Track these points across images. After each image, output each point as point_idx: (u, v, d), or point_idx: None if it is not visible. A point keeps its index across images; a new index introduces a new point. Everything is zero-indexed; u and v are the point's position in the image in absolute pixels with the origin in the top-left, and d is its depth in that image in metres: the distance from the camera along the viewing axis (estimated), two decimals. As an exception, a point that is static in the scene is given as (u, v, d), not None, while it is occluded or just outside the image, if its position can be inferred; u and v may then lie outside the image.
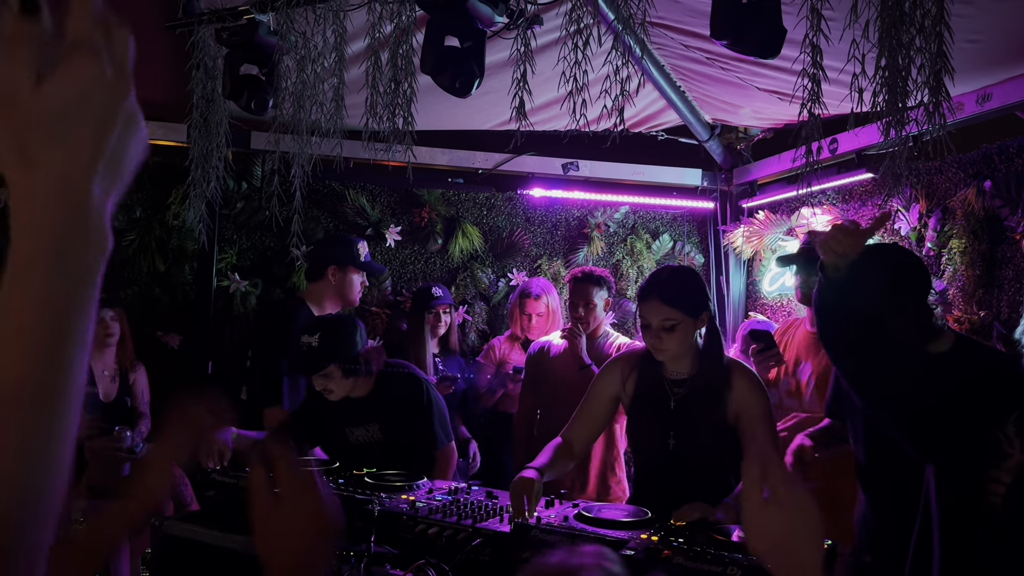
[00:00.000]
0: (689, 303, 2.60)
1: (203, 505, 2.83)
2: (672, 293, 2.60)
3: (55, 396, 0.61)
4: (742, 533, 2.16)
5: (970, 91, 3.48)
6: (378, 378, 3.16)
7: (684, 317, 2.59)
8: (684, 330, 2.60)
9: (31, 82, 0.59)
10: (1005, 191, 3.53)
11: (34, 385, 0.61)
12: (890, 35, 1.99)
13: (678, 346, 2.62)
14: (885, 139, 2.08)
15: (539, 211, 5.32)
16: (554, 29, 2.71)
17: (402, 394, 3.16)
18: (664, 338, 2.60)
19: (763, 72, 3.81)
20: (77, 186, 0.61)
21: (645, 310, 2.63)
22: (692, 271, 2.80)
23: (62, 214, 0.61)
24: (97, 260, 0.63)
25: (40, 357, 0.61)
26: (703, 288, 2.71)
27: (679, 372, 2.68)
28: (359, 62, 3.12)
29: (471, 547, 2.23)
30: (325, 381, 3.04)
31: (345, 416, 3.15)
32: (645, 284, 2.72)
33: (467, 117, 4.65)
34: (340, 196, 4.93)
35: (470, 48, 2.68)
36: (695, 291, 2.66)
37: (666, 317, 2.58)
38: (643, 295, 2.67)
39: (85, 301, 0.62)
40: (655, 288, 2.64)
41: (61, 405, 0.62)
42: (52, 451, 0.62)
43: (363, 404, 3.14)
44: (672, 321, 2.58)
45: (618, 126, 2.58)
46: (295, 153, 3.14)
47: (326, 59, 3.03)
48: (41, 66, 0.59)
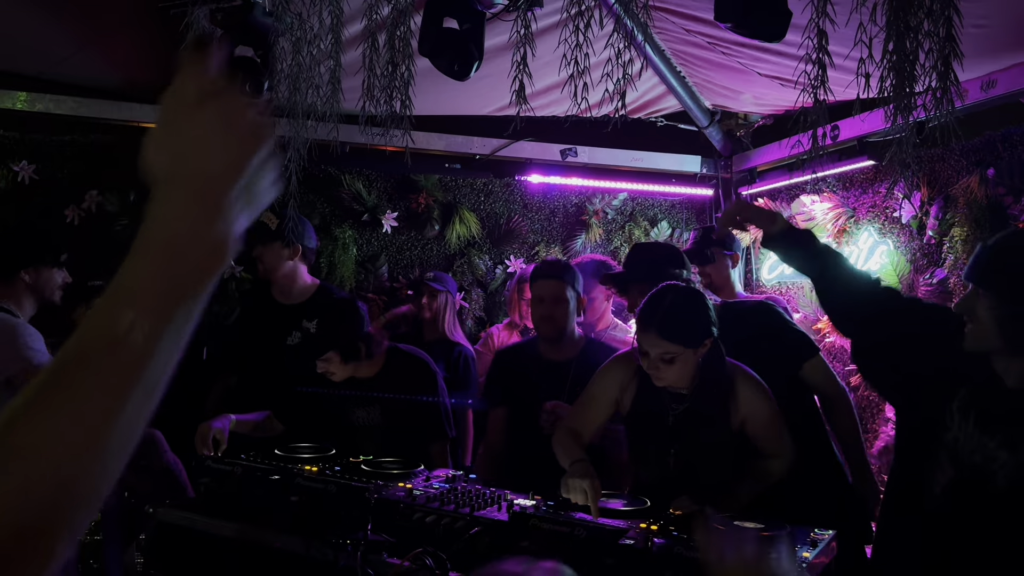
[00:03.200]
0: (689, 335, 2.45)
1: (198, 492, 2.80)
2: (672, 327, 2.44)
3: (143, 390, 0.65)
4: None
5: (975, 77, 3.45)
6: (387, 361, 3.13)
7: (684, 349, 2.45)
8: (684, 361, 2.46)
9: (191, 106, 0.70)
10: (1008, 179, 3.51)
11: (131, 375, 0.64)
12: (898, 18, 1.95)
13: (677, 375, 2.49)
14: (893, 125, 2.05)
15: (537, 197, 5.28)
16: (554, 12, 2.67)
17: (408, 380, 3.13)
18: (662, 368, 2.47)
19: (765, 57, 3.76)
20: (219, 193, 0.69)
21: (643, 340, 2.48)
22: (696, 295, 2.58)
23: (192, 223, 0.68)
24: (213, 271, 0.70)
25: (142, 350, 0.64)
26: (706, 314, 2.51)
27: (679, 387, 2.57)
28: (356, 44, 3.06)
29: (469, 536, 2.20)
30: (326, 365, 3.03)
31: (349, 395, 3.14)
32: (645, 311, 2.51)
33: (465, 102, 4.61)
34: (336, 181, 4.89)
35: (469, 30, 2.64)
36: (697, 321, 2.49)
37: (664, 351, 2.45)
38: (642, 324, 2.50)
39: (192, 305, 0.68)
40: (654, 321, 2.46)
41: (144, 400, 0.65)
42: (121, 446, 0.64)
43: (367, 385, 3.12)
44: (671, 354, 2.45)
45: (619, 111, 2.54)
46: (290, 137, 3.09)
47: (322, 41, 2.98)
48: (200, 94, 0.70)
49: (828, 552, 2.18)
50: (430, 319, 4.28)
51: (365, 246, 4.93)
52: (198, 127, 0.69)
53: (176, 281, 0.67)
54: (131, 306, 0.65)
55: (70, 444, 0.61)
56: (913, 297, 2.52)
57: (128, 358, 0.64)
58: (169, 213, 0.68)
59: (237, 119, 0.71)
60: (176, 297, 0.67)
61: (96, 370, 0.63)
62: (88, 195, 4.41)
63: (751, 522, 2.17)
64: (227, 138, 0.70)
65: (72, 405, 0.61)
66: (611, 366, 2.76)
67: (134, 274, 0.66)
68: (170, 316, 0.66)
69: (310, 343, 2.99)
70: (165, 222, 0.68)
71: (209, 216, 0.69)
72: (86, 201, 4.41)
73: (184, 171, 0.69)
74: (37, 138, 4.42)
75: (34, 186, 4.38)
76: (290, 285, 3.81)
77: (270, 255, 3.73)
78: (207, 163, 0.69)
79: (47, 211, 4.34)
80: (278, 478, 2.58)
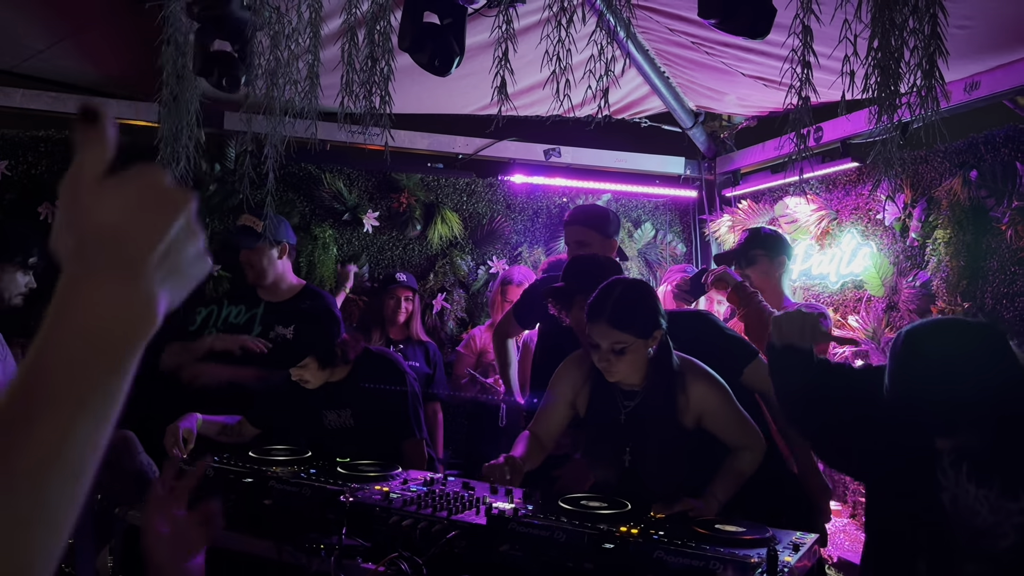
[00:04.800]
0: (640, 325, 2.46)
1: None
2: (622, 316, 2.45)
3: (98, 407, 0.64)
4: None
5: (958, 79, 3.44)
6: (356, 364, 3.09)
7: (635, 339, 2.45)
8: (635, 351, 2.46)
9: (94, 184, 0.65)
10: (991, 181, 3.50)
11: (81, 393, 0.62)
12: (883, 15, 1.93)
13: (629, 368, 2.49)
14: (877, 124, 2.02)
15: (520, 198, 5.24)
16: (536, 10, 2.63)
17: (378, 382, 3.09)
18: (614, 360, 2.47)
19: (749, 58, 3.75)
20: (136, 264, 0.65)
21: (594, 332, 2.48)
22: (644, 287, 2.61)
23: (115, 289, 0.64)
24: (137, 342, 0.65)
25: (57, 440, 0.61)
26: (656, 305, 2.54)
27: (630, 384, 2.57)
28: (335, 40, 3.02)
29: (446, 539, 2.16)
30: (301, 372, 2.98)
31: (320, 399, 3.09)
32: (594, 302, 2.51)
33: (447, 100, 4.57)
34: (316, 180, 4.83)
35: (450, 25, 2.60)
36: (647, 311, 2.50)
37: (616, 340, 2.45)
38: (592, 315, 2.49)
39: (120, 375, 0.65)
40: (605, 309, 2.46)
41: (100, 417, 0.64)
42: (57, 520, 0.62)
43: (338, 388, 3.08)
44: (622, 344, 2.45)
45: (602, 110, 2.51)
46: (268, 134, 3.04)
47: (301, 36, 2.93)
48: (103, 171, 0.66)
49: (811, 556, 2.15)
50: (404, 321, 4.24)
51: (346, 246, 4.88)
52: (105, 204, 0.65)
53: (93, 363, 0.63)
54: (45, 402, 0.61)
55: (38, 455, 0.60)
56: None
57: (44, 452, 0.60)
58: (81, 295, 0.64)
59: (147, 190, 0.67)
60: (95, 379, 0.63)
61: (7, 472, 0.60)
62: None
63: (732, 525, 2.15)
64: (139, 208, 0.66)
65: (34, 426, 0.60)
66: (563, 368, 2.75)
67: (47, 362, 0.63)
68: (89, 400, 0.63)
69: (286, 349, 2.94)
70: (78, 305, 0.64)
71: (127, 287, 0.65)
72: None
73: (96, 249, 0.65)
74: (10, 133, 4.34)
75: (7, 183, 4.30)
76: (278, 285, 3.75)
77: (259, 258, 3.66)
78: (120, 236, 0.65)
79: (20, 208, 4.26)
80: (251, 481, 2.53)
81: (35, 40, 3.90)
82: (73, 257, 0.65)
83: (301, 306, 3.64)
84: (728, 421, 2.56)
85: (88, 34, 3.89)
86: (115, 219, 0.65)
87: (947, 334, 1.96)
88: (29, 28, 3.78)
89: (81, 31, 3.87)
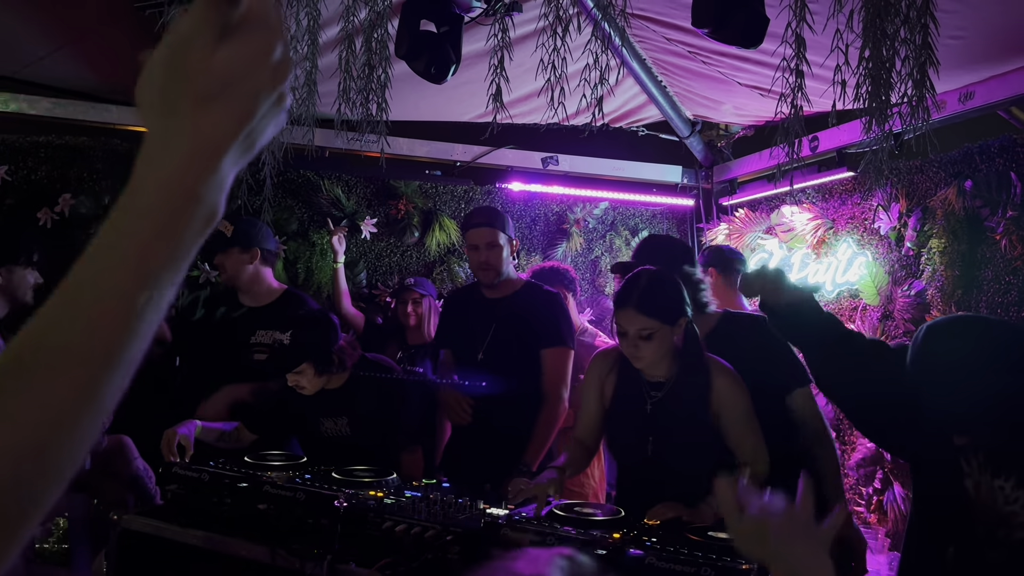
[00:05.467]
0: (666, 311, 2.52)
1: (165, 499, 2.75)
2: (649, 302, 2.52)
3: (121, 363, 0.60)
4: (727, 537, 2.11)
5: (952, 89, 3.46)
6: (354, 372, 3.09)
7: (661, 326, 2.51)
8: (661, 338, 2.52)
9: (210, 42, 0.60)
10: (986, 191, 3.51)
11: (109, 347, 0.59)
12: (874, 25, 1.94)
13: (655, 354, 2.55)
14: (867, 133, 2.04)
15: (518, 205, 5.25)
16: (533, 19, 2.65)
17: (375, 391, 3.09)
18: (641, 346, 2.53)
19: (745, 67, 3.77)
20: (216, 150, 0.61)
21: (621, 318, 2.55)
22: (666, 274, 2.67)
23: (194, 172, 0.61)
24: (202, 232, 0.62)
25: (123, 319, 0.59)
26: (681, 294, 2.60)
27: (656, 375, 2.62)
28: (333, 48, 3.04)
29: (439, 545, 2.16)
30: (298, 378, 2.98)
31: (318, 406, 3.09)
32: (621, 291, 2.61)
33: (445, 108, 4.59)
34: (315, 186, 4.84)
35: (446, 33, 2.62)
36: (673, 298, 2.57)
37: (643, 327, 2.50)
38: (619, 303, 2.58)
39: (177, 271, 0.62)
40: (632, 297, 2.54)
41: (121, 375, 0.60)
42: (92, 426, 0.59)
43: (335, 396, 3.07)
44: (649, 330, 2.50)
45: (597, 119, 2.52)
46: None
47: (299, 43, 2.95)
48: (221, 30, 0.60)
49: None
50: (415, 325, 4.25)
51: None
52: (210, 74, 0.60)
53: (168, 242, 0.60)
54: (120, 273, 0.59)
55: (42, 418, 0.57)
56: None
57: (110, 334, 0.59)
58: (168, 163, 0.60)
59: (259, 58, 0.61)
60: (168, 260, 0.61)
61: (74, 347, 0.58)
62: (62, 198, 4.34)
63: (724, 532, 2.15)
64: (243, 86, 0.61)
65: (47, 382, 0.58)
66: (592, 363, 2.82)
67: (123, 233, 0.60)
68: (158, 282, 0.60)
69: (282, 355, 2.93)
70: (160, 178, 0.60)
71: (212, 166, 0.61)
72: (59, 204, 4.33)
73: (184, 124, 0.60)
74: (10, 139, 4.35)
75: (6, 188, 4.31)
76: (255, 290, 3.77)
77: (230, 262, 3.70)
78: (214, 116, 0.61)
79: (19, 213, 4.27)
80: (246, 485, 2.53)
81: (36, 47, 3.92)
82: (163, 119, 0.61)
83: (298, 311, 3.66)
84: (743, 427, 2.57)
85: (88, 40, 3.91)
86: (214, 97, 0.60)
87: (965, 333, 1.93)
88: (30, 34, 3.80)
89: (81, 37, 3.89)
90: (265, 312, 3.70)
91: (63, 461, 0.59)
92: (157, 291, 0.60)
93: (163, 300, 0.61)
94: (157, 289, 0.60)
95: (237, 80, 0.61)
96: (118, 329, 0.59)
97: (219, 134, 0.61)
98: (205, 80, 0.60)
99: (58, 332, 0.59)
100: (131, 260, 0.59)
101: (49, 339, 0.59)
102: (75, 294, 0.60)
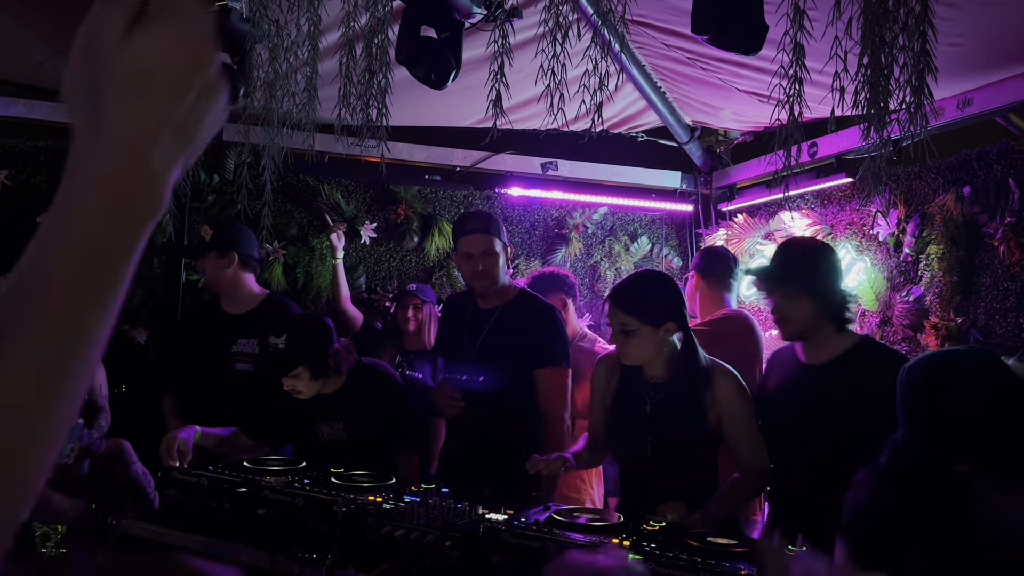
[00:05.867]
0: (647, 311, 2.56)
1: (163, 504, 2.75)
2: (629, 300, 2.58)
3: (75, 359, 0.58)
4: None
5: (951, 96, 3.47)
6: (350, 376, 3.09)
7: (641, 325, 2.55)
8: (642, 337, 2.56)
9: (120, 33, 0.59)
10: (984, 197, 3.52)
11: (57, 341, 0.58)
12: (873, 32, 1.95)
13: (639, 352, 2.60)
14: (866, 140, 2.04)
15: (517, 211, 5.26)
16: (533, 25, 2.66)
17: (371, 395, 3.08)
18: (622, 341, 2.59)
19: (744, 73, 3.77)
20: (141, 144, 0.60)
21: (608, 315, 2.64)
22: (663, 278, 2.72)
23: (120, 168, 0.59)
24: (144, 224, 0.61)
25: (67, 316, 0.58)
26: (670, 297, 2.61)
27: (655, 376, 2.65)
28: (333, 53, 3.04)
29: (439, 550, 2.16)
30: (293, 382, 2.97)
31: (314, 411, 3.09)
32: (615, 286, 2.76)
33: (445, 113, 4.59)
34: (315, 191, 4.85)
35: (447, 39, 2.63)
36: (657, 299, 2.59)
37: (622, 323, 2.57)
38: (607, 297, 2.70)
39: (120, 267, 0.60)
40: (615, 293, 2.65)
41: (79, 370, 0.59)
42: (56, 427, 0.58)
43: (331, 401, 3.07)
44: (627, 327, 2.56)
45: (597, 125, 2.53)
46: (266, 145, 3.06)
47: (300, 48, 2.95)
48: (131, 19, 0.59)
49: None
50: (415, 331, 4.25)
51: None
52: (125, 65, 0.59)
53: (105, 239, 0.59)
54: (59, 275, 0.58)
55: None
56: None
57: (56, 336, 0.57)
58: (97, 158, 0.59)
59: (175, 46, 0.60)
60: (107, 258, 0.59)
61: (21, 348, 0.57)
62: (62, 201, 4.35)
63: (724, 538, 2.15)
64: (162, 73, 0.59)
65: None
66: (597, 364, 2.86)
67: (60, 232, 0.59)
68: (102, 280, 0.59)
69: (278, 359, 2.94)
70: (91, 171, 0.59)
71: (141, 159, 0.59)
72: (59, 208, 4.35)
73: (107, 121, 0.59)
74: (11, 143, 4.36)
75: (7, 192, 4.31)
76: (235, 295, 3.78)
77: (209, 266, 3.73)
78: (136, 108, 0.59)
79: (19, 217, 4.27)
80: (245, 490, 2.53)
81: (35, 51, 3.92)
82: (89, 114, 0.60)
83: (269, 310, 3.68)
84: (745, 433, 2.59)
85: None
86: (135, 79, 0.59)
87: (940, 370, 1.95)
88: (29, 39, 3.80)
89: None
90: (245, 320, 3.71)
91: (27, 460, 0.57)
92: (100, 291, 0.59)
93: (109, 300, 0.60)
94: (99, 289, 0.59)
95: (154, 70, 0.59)
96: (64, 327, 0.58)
97: (143, 126, 0.60)
98: (122, 72, 0.59)
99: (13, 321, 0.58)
100: (70, 261, 0.58)
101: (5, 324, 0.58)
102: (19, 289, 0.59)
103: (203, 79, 0.62)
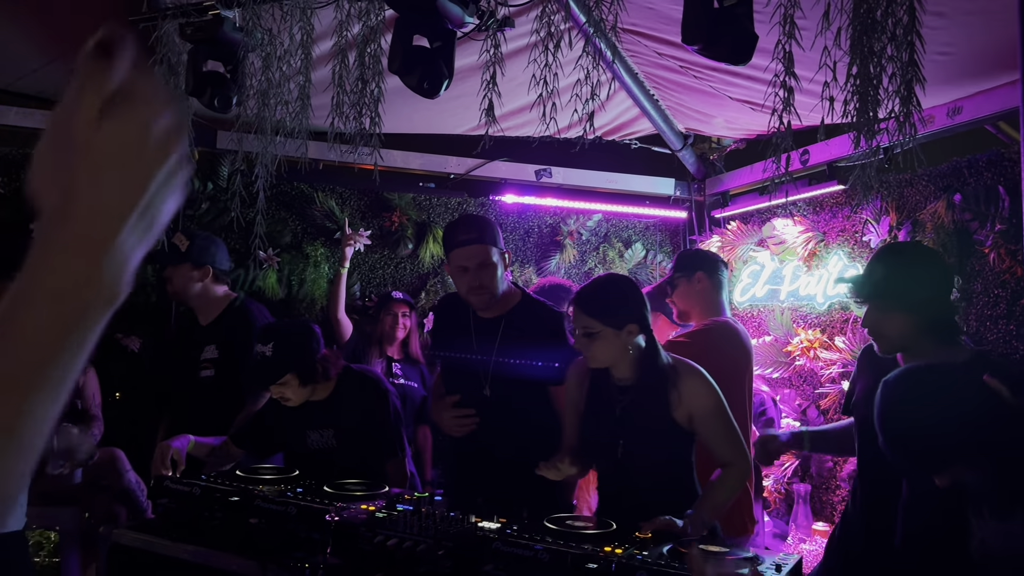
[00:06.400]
0: (608, 314, 2.56)
1: (156, 513, 2.74)
2: (590, 302, 2.58)
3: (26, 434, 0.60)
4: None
5: (941, 104, 3.49)
6: (338, 383, 3.08)
7: (603, 327, 2.55)
8: (605, 339, 2.56)
9: (93, 118, 0.61)
10: (975, 204, 3.54)
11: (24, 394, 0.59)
12: (861, 43, 1.97)
13: (603, 355, 2.59)
14: (856, 148, 2.06)
15: (511, 218, 5.27)
16: (526, 34, 2.67)
17: (361, 401, 3.08)
18: (586, 345, 2.59)
19: (736, 82, 3.79)
20: (109, 229, 0.61)
21: (573, 315, 2.64)
22: (625, 281, 2.70)
23: (88, 253, 0.60)
24: (103, 312, 0.62)
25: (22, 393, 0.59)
26: (632, 300, 2.62)
27: (623, 379, 2.65)
28: (326, 62, 3.05)
29: (432, 559, 2.16)
30: (282, 389, 2.96)
31: (304, 419, 3.08)
32: (577, 290, 2.72)
33: (439, 121, 4.61)
34: (309, 198, 4.85)
35: (439, 48, 2.64)
36: (619, 302, 2.60)
37: (584, 325, 2.57)
38: (569, 301, 2.69)
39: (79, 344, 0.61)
40: (578, 296, 2.64)
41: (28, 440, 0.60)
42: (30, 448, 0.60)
43: (321, 408, 3.06)
44: (589, 329, 2.56)
45: (589, 133, 2.54)
46: (259, 153, 3.07)
47: (293, 57, 2.96)
48: (104, 106, 0.61)
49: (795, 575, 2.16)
50: (403, 338, 4.25)
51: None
52: (95, 151, 0.60)
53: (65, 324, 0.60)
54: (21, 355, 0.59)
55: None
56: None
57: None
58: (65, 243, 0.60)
59: (143, 131, 0.61)
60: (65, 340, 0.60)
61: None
62: (55, 209, 4.35)
63: (716, 545, 2.16)
64: (129, 161, 0.61)
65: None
66: (570, 371, 2.84)
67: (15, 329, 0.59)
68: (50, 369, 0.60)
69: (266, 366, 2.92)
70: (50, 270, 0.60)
71: (107, 244, 0.60)
72: (53, 216, 4.34)
73: (75, 206, 0.60)
74: (4, 151, 4.36)
75: (1, 200, 4.31)
76: (204, 306, 3.78)
77: (179, 277, 3.70)
78: (103, 194, 0.60)
79: (14, 226, 4.26)
80: (237, 499, 2.53)
81: (30, 60, 3.93)
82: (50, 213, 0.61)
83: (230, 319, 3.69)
84: (717, 427, 2.59)
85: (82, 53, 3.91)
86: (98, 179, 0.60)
87: (915, 384, 1.96)
88: (24, 47, 3.81)
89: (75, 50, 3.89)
90: (211, 328, 3.73)
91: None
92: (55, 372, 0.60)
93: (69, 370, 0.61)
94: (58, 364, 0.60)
95: (123, 154, 0.61)
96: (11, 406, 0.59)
97: (112, 210, 0.61)
98: (92, 155, 0.60)
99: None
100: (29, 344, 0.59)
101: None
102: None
103: (168, 167, 0.63)
